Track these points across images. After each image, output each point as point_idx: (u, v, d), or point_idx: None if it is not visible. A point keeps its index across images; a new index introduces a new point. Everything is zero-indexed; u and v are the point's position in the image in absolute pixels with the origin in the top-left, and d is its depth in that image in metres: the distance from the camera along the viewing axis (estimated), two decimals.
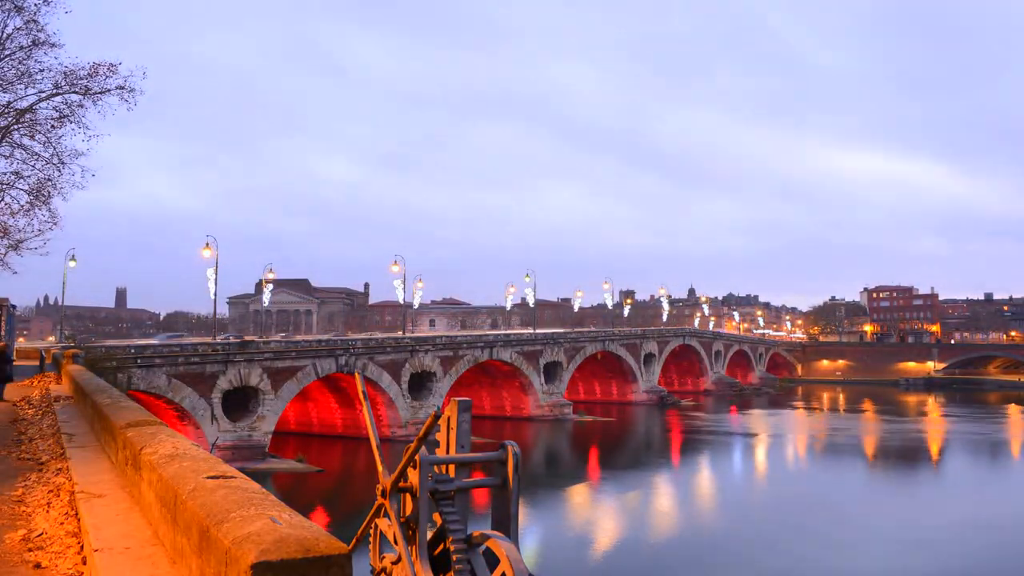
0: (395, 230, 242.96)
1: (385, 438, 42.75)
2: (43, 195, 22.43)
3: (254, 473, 34.02)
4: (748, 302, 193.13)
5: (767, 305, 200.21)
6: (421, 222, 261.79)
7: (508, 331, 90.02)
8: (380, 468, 8.65)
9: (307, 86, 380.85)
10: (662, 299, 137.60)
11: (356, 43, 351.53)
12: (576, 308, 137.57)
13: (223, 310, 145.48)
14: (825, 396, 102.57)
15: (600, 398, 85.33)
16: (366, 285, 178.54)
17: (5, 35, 21.08)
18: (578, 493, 38.07)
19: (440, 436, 8.95)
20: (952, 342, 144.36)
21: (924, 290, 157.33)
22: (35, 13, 20.88)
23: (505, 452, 8.57)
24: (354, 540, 8.68)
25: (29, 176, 22.35)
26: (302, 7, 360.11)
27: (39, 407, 14.88)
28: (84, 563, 4.81)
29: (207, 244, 52.63)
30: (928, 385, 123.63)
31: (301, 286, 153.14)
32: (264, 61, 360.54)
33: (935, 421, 75.02)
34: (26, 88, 21.76)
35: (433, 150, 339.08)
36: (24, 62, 21.37)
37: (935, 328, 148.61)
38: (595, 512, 33.49)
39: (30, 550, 5.21)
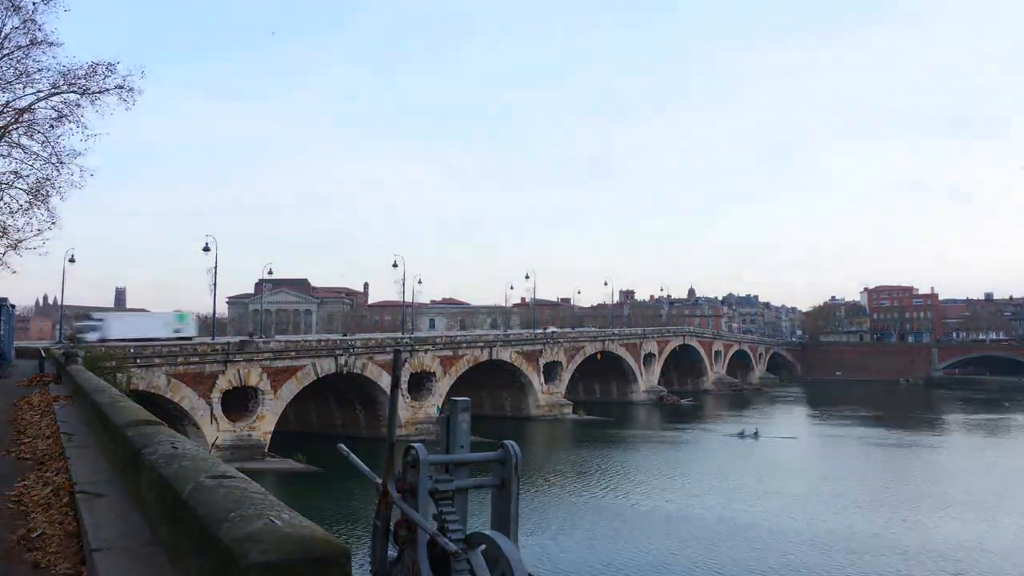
0: (396, 230, 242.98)
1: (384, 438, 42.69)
2: (42, 195, 22.43)
3: (253, 473, 33.99)
4: (748, 302, 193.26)
5: (767, 305, 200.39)
6: (422, 221, 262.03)
7: (508, 331, 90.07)
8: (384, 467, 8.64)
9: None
10: (662, 299, 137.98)
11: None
12: (576, 308, 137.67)
13: (223, 310, 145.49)
14: (825, 397, 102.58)
15: (600, 398, 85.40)
16: (366, 285, 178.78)
17: (3, 34, 21.10)
18: (578, 493, 38.07)
19: (439, 436, 8.96)
20: (952, 342, 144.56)
21: (924, 290, 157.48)
22: (33, 12, 20.92)
23: (505, 452, 8.54)
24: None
25: (28, 176, 22.36)
26: None
27: (38, 407, 14.87)
28: (83, 563, 4.81)
29: (207, 244, 52.74)
30: (928, 385, 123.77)
31: (301, 286, 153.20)
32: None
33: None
34: (24, 88, 21.80)
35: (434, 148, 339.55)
36: (22, 61, 21.42)
37: (935, 328, 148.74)
38: (595, 512, 33.49)
39: (29, 550, 5.20)
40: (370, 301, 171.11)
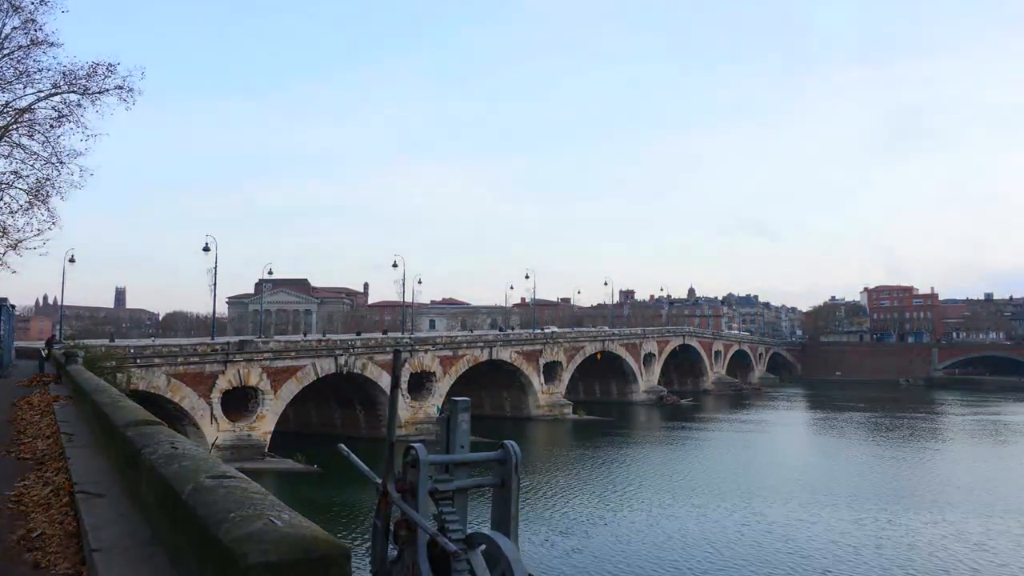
0: (396, 230, 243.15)
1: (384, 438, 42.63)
2: (42, 195, 22.46)
3: (253, 473, 33.96)
4: (748, 302, 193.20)
5: (767, 305, 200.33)
6: (422, 221, 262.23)
7: (508, 331, 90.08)
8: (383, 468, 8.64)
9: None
10: (662, 299, 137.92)
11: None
12: (576, 308, 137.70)
13: (222, 310, 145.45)
14: (825, 397, 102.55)
15: (600, 398, 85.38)
16: (366, 285, 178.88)
17: (3, 35, 21.12)
18: (578, 493, 38.04)
19: (439, 436, 8.96)
20: (952, 342, 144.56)
21: (924, 290, 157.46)
22: (33, 12, 20.95)
23: (505, 452, 8.53)
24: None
25: (28, 176, 22.39)
26: None
27: (38, 407, 14.87)
28: (83, 563, 4.80)
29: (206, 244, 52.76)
30: (928, 385, 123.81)
31: (301, 286, 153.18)
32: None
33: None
34: (25, 88, 21.82)
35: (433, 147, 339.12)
36: (23, 61, 21.45)
37: (935, 328, 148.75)
38: (595, 512, 33.46)
39: (29, 550, 5.19)
40: (370, 301, 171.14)
